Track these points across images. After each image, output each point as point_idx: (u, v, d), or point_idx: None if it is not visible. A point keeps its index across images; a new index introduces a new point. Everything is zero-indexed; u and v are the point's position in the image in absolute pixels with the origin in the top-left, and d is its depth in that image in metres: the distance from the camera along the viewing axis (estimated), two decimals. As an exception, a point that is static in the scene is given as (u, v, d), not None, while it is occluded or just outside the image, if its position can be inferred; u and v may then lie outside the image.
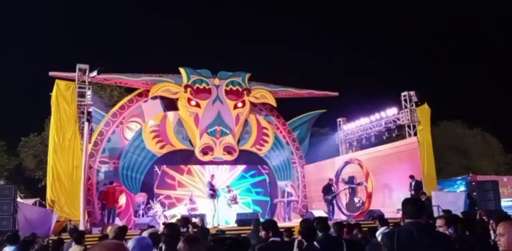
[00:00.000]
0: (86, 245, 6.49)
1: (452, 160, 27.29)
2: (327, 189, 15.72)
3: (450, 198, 13.20)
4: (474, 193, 12.83)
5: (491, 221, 6.22)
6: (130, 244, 3.58)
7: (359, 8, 49.63)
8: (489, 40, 43.06)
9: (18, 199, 12.06)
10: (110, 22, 44.75)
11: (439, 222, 4.19)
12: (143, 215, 14.36)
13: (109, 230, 7.73)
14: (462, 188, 19.83)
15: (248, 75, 17.60)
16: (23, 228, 10.16)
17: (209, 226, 11.93)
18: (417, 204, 3.46)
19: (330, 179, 16.19)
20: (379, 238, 4.86)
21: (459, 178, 22.09)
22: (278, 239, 4.28)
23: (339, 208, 16.62)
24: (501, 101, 36.38)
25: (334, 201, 16.13)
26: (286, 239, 4.98)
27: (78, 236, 6.47)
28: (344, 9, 48.81)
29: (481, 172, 23.99)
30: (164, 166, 16.57)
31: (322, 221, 5.08)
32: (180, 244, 3.00)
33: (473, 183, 13.70)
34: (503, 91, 37.74)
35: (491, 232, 5.46)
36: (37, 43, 39.11)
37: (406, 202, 3.48)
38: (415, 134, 15.01)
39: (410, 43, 45.65)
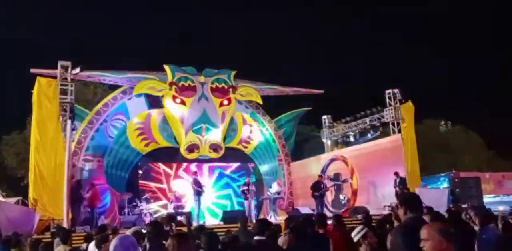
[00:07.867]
0: (72, 244, 6.36)
1: (436, 157, 27.64)
2: (317, 186, 15.55)
3: (434, 195, 13.37)
4: (457, 190, 13.06)
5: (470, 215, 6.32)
6: (113, 243, 3.49)
7: (351, 4, 49.91)
8: (472, 37, 43.68)
9: (0, 198, 11.87)
10: (97, 19, 44.17)
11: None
12: (128, 213, 14.25)
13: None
14: (445, 184, 20.07)
15: (233, 73, 17.51)
16: (5, 227, 10.01)
17: (194, 223, 11.88)
18: (419, 198, 3.41)
19: (320, 176, 16.04)
20: (355, 238, 4.84)
21: (442, 174, 22.35)
22: (263, 238, 4.26)
23: (325, 205, 16.69)
24: (483, 98, 37.00)
25: (325, 198, 16.06)
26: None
27: (64, 236, 6.31)
28: (339, 8, 49.01)
29: (464, 168, 24.32)
30: (150, 164, 16.47)
31: (309, 218, 5.09)
32: (169, 241, 2.97)
33: (456, 180, 13.97)
34: (485, 89, 38.42)
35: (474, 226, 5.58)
36: (18, 39, 38.38)
37: (412, 196, 3.46)
38: (399, 132, 15.14)
39: (394, 40, 46.04)
